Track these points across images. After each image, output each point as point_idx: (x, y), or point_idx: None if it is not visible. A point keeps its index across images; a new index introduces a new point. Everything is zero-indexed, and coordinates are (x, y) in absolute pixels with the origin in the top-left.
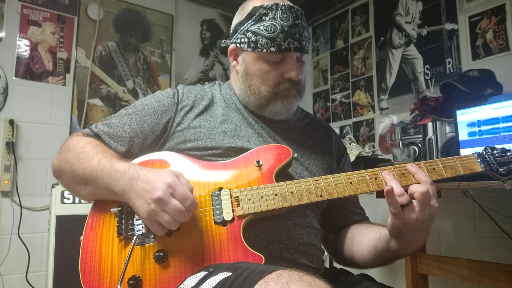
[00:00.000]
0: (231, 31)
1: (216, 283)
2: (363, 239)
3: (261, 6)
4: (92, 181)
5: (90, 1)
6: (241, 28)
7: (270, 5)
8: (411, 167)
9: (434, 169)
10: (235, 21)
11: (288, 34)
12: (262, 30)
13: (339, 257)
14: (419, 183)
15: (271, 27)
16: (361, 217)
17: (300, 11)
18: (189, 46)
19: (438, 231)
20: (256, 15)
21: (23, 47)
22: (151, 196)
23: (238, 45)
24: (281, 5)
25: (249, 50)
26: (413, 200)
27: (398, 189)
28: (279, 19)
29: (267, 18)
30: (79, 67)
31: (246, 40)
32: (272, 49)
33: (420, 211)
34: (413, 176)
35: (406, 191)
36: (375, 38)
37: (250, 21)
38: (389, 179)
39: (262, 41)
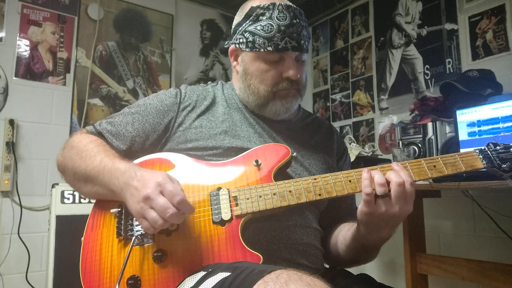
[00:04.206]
0: (231, 31)
1: (215, 283)
2: (340, 233)
3: (258, 6)
4: (93, 179)
5: (90, 1)
6: (239, 28)
7: (266, 5)
8: (396, 165)
9: (434, 166)
10: (234, 22)
11: (285, 33)
12: (259, 30)
13: (328, 256)
14: None
15: (268, 26)
16: (354, 218)
17: (298, 10)
18: (189, 46)
19: (438, 231)
20: (253, 15)
21: (23, 47)
22: (140, 194)
23: (237, 45)
24: (278, 4)
25: (247, 50)
26: (389, 193)
27: (380, 179)
28: (275, 18)
29: (264, 18)
30: (79, 67)
31: (244, 40)
32: (269, 48)
33: (391, 205)
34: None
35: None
36: (375, 38)
37: (247, 22)
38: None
39: (259, 41)
